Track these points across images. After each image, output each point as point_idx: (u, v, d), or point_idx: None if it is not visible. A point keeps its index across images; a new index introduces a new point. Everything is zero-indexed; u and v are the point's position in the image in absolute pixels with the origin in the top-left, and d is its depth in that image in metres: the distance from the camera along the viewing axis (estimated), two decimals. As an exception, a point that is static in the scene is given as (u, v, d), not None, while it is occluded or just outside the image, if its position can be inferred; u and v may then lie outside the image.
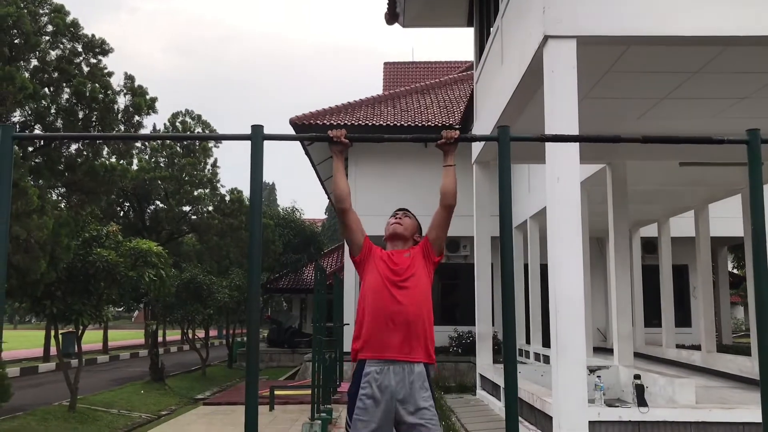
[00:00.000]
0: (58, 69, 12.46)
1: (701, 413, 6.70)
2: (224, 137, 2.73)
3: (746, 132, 2.54)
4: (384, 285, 3.33)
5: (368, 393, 3.23)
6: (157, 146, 23.79)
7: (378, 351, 3.27)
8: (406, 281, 3.34)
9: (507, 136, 2.49)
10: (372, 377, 3.25)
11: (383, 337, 3.26)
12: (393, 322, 3.26)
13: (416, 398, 3.22)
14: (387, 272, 3.37)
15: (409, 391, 3.22)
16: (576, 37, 6.46)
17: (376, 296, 3.34)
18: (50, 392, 15.89)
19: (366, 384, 3.25)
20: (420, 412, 3.21)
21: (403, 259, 3.41)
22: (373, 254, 3.47)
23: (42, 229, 10.08)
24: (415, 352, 3.27)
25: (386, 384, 3.22)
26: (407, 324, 3.26)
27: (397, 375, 3.23)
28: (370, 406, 3.22)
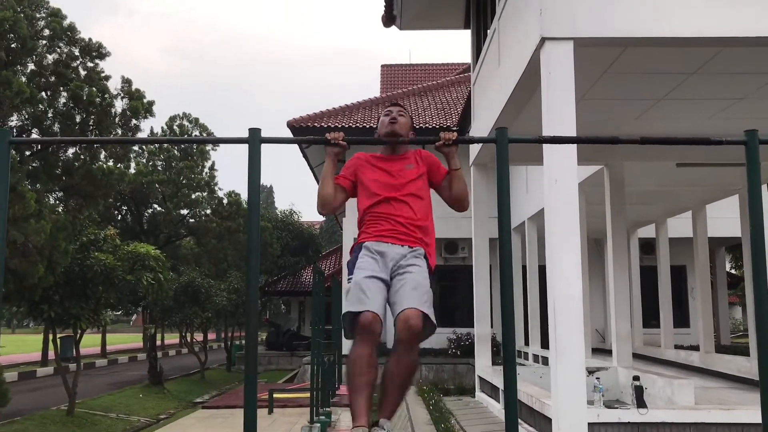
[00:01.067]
0: (55, 73, 12.46)
1: (700, 414, 6.69)
2: (222, 140, 2.72)
3: (744, 133, 2.54)
4: (383, 201, 3.21)
5: (368, 254, 3.15)
6: (155, 150, 23.79)
7: (378, 238, 3.17)
8: (408, 195, 3.21)
9: (505, 137, 2.49)
10: (370, 245, 3.16)
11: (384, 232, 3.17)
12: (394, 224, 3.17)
13: (411, 258, 3.13)
14: (386, 187, 3.22)
15: (405, 255, 3.14)
16: (573, 39, 6.46)
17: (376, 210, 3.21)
18: (48, 397, 15.85)
19: (365, 250, 3.17)
20: (411, 266, 3.10)
21: (404, 171, 3.25)
22: (362, 170, 3.30)
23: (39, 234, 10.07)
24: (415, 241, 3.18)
25: (384, 250, 3.14)
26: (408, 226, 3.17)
27: (395, 247, 3.15)
28: (369, 261, 3.12)
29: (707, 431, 6.59)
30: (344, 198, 3.32)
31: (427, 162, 3.31)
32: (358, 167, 3.32)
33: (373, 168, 3.29)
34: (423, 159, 3.32)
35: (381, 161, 3.32)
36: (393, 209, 3.19)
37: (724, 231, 16.35)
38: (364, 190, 3.27)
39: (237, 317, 22.60)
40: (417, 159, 3.31)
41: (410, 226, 3.19)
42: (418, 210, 3.21)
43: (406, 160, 3.30)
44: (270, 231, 26.44)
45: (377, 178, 3.25)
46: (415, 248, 3.19)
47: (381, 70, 29.86)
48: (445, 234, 17.80)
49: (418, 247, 3.20)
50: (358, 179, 3.30)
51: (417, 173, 3.26)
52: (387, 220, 3.19)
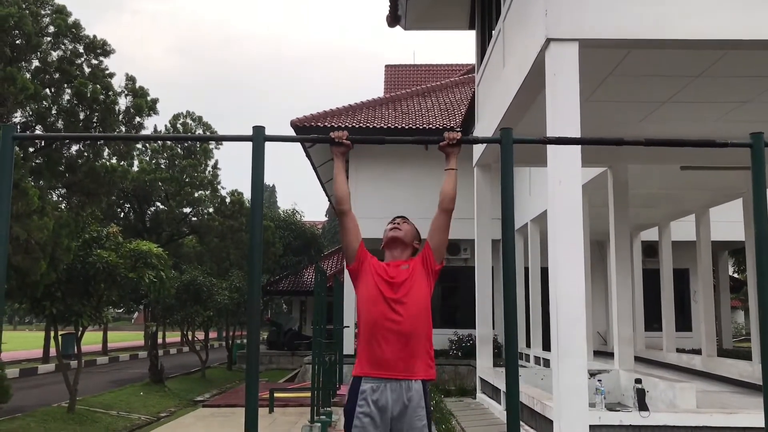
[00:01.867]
0: (59, 70, 12.46)
1: (702, 418, 6.67)
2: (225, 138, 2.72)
3: (750, 135, 2.53)
4: (380, 299, 3.25)
5: (365, 411, 3.17)
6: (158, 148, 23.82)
7: (375, 368, 3.20)
8: (404, 296, 3.25)
9: (510, 138, 2.48)
10: (368, 395, 3.19)
11: (380, 354, 3.19)
12: (389, 339, 3.18)
13: (411, 418, 3.17)
14: (383, 286, 3.28)
15: (405, 408, 3.17)
16: (578, 40, 6.46)
17: (371, 311, 3.25)
18: (49, 393, 15.87)
19: (363, 402, 3.19)
20: (413, 422, 3.16)
21: (400, 272, 3.32)
22: (368, 264, 3.37)
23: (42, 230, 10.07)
24: (414, 370, 3.21)
25: (383, 402, 3.17)
26: (405, 341, 3.18)
27: (394, 392, 3.17)
28: (367, 424, 3.16)
29: (709, 435, 6.57)
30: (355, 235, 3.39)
31: (419, 255, 3.45)
32: (369, 257, 3.43)
33: (378, 268, 3.38)
34: (416, 257, 3.45)
35: (383, 265, 3.43)
36: (391, 313, 3.22)
37: (728, 235, 16.31)
38: (363, 282, 3.36)
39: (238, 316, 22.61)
40: (412, 260, 3.45)
41: (408, 337, 3.21)
42: (414, 311, 3.25)
43: (402, 264, 3.41)
44: (272, 230, 26.44)
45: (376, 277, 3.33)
46: (413, 383, 3.22)
47: (385, 71, 29.87)
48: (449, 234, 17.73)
49: (416, 381, 3.23)
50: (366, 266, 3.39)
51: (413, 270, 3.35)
52: (385, 335, 3.21)
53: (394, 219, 3.61)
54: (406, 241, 3.47)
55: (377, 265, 3.39)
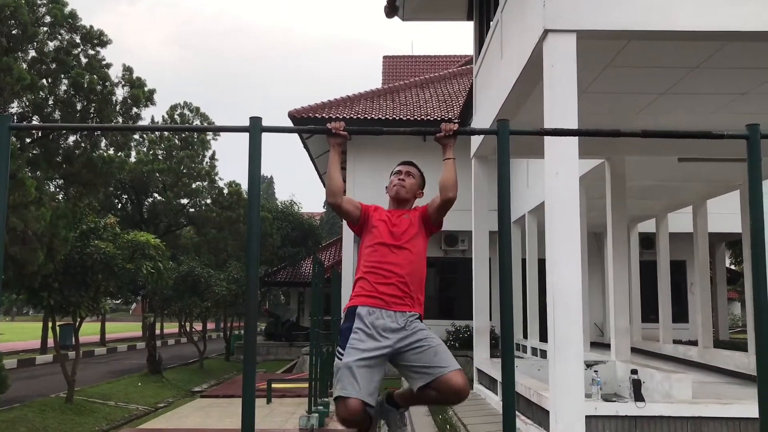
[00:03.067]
0: (56, 60, 12.41)
1: (698, 408, 6.71)
2: (222, 129, 2.72)
3: (746, 127, 2.53)
4: (382, 244, 3.39)
5: (361, 327, 3.27)
6: (155, 138, 23.76)
7: (370, 299, 3.31)
8: (405, 243, 3.40)
9: (506, 129, 2.48)
10: (364, 316, 3.29)
11: (378, 289, 3.31)
12: (388, 279, 3.32)
13: (411, 330, 3.27)
14: (386, 234, 3.41)
15: (402, 327, 3.27)
16: (576, 32, 6.44)
17: (373, 254, 3.39)
18: (48, 384, 15.90)
19: (359, 320, 3.29)
20: (414, 335, 3.26)
21: (402, 221, 3.46)
22: (372, 216, 3.51)
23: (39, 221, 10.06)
24: (408, 306, 3.33)
25: (379, 323, 3.26)
26: (402, 283, 3.32)
27: (390, 317, 3.28)
28: (363, 338, 3.24)
29: (704, 425, 6.61)
30: (353, 211, 3.50)
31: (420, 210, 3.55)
32: (371, 211, 3.55)
33: (380, 217, 3.51)
34: (417, 210, 3.57)
35: (386, 213, 3.56)
36: (391, 256, 3.37)
37: (725, 226, 16.34)
38: (368, 233, 3.49)
39: (236, 307, 22.63)
40: (413, 212, 3.56)
41: (405, 280, 3.34)
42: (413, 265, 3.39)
43: (404, 213, 3.53)
44: (270, 221, 26.43)
45: (380, 225, 3.46)
46: (410, 315, 3.33)
47: (383, 62, 29.78)
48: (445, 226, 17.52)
49: (413, 313, 3.35)
50: (368, 220, 3.51)
51: (413, 221, 3.48)
52: (384, 274, 3.34)
53: (400, 169, 3.68)
54: (408, 197, 3.62)
55: (381, 213, 3.54)
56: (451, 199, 3.40)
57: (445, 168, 3.33)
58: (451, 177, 3.35)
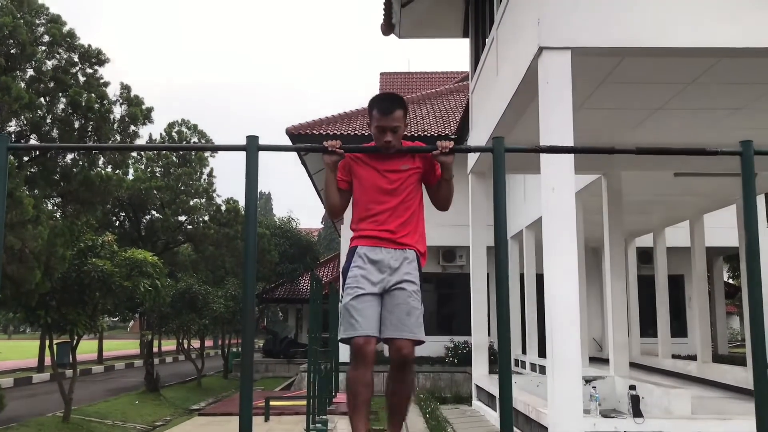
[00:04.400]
0: (54, 79, 12.46)
1: (697, 424, 6.69)
2: (219, 148, 2.73)
3: (740, 143, 2.56)
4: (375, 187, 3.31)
5: (360, 265, 3.29)
6: (153, 156, 23.78)
7: (371, 239, 3.31)
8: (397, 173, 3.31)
9: (502, 147, 2.50)
10: (364, 253, 3.31)
11: (375, 219, 3.30)
12: (383, 203, 3.29)
13: (404, 270, 3.28)
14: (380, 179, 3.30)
15: (400, 264, 3.28)
16: (570, 49, 6.49)
17: (368, 194, 3.33)
18: (44, 403, 15.79)
19: (358, 259, 3.31)
20: (404, 282, 3.26)
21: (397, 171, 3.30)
22: (355, 168, 3.36)
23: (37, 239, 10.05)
24: (408, 241, 3.32)
25: (378, 258, 3.28)
26: (398, 203, 3.29)
27: (389, 253, 3.29)
28: (361, 274, 3.27)
29: (703, 441, 6.58)
30: (349, 197, 3.45)
31: (425, 160, 3.32)
32: (352, 165, 3.38)
33: (366, 166, 3.33)
34: (421, 156, 3.32)
35: (375, 160, 3.32)
36: (386, 209, 3.31)
37: (722, 241, 16.35)
38: (359, 186, 3.38)
39: (234, 324, 22.58)
40: (414, 162, 3.32)
41: (402, 227, 3.32)
42: (409, 208, 3.34)
43: (401, 160, 3.29)
44: (268, 238, 26.42)
45: (371, 177, 3.32)
46: (407, 251, 3.32)
47: (380, 78, 29.94)
48: (442, 242, 17.79)
49: (411, 250, 3.34)
50: (354, 175, 3.40)
51: (411, 171, 3.31)
52: (380, 221, 3.32)
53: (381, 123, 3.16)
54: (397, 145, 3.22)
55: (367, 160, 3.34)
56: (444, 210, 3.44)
57: (444, 186, 3.29)
58: (449, 196, 3.34)
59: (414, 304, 3.26)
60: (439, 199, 3.37)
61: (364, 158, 3.35)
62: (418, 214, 3.39)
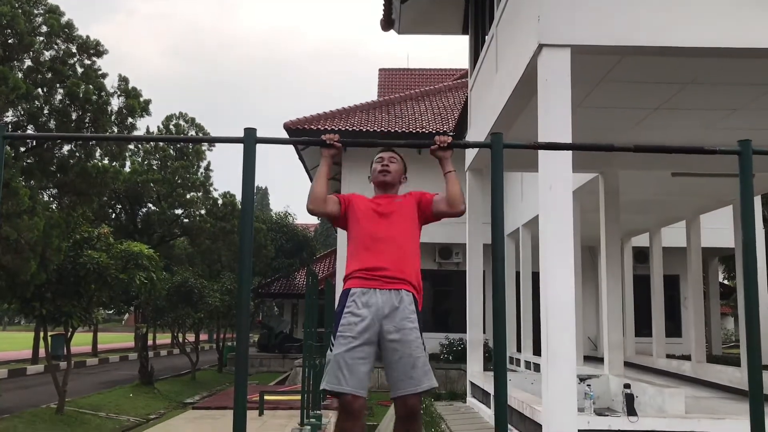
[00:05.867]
0: (51, 70, 12.42)
1: (690, 423, 6.71)
2: (217, 140, 2.72)
3: (738, 142, 2.55)
4: (369, 217, 3.32)
5: (353, 310, 3.21)
6: (150, 149, 23.74)
7: (364, 280, 3.25)
8: (393, 214, 3.34)
9: (500, 142, 2.49)
10: (357, 297, 3.23)
11: (369, 267, 3.24)
12: (378, 246, 3.25)
13: (402, 318, 3.19)
14: (372, 213, 3.35)
15: (395, 309, 3.20)
16: (570, 46, 6.49)
17: (361, 228, 3.32)
18: (38, 394, 15.77)
19: (351, 303, 3.23)
20: (403, 332, 3.18)
21: (391, 203, 3.39)
22: (356, 202, 3.43)
23: (32, 230, 10.03)
24: (403, 283, 3.25)
25: (372, 302, 3.20)
26: (393, 249, 3.26)
27: (384, 296, 3.21)
28: (354, 321, 3.18)
29: (697, 440, 6.60)
30: (335, 209, 3.41)
31: (415, 196, 3.45)
32: (352, 199, 3.47)
33: (365, 203, 3.43)
34: (411, 195, 3.46)
35: (373, 200, 3.48)
36: (381, 242, 3.28)
37: (718, 241, 16.39)
38: (354, 221, 3.39)
39: (229, 318, 22.56)
40: (405, 196, 3.47)
41: (398, 263, 3.26)
42: (405, 242, 3.32)
43: (395, 197, 3.45)
44: (264, 233, 26.40)
45: (367, 210, 3.38)
46: (403, 293, 3.25)
47: (379, 74, 29.90)
48: (439, 239, 17.79)
49: (407, 291, 3.26)
50: (351, 208, 3.42)
51: (404, 204, 3.39)
52: (375, 257, 3.26)
53: (381, 156, 3.57)
54: (394, 182, 3.53)
55: (365, 200, 3.46)
56: (460, 212, 3.35)
57: (449, 182, 3.26)
58: (457, 191, 3.30)
59: (417, 354, 3.18)
60: (449, 198, 3.31)
61: (365, 200, 3.47)
62: (413, 252, 3.35)
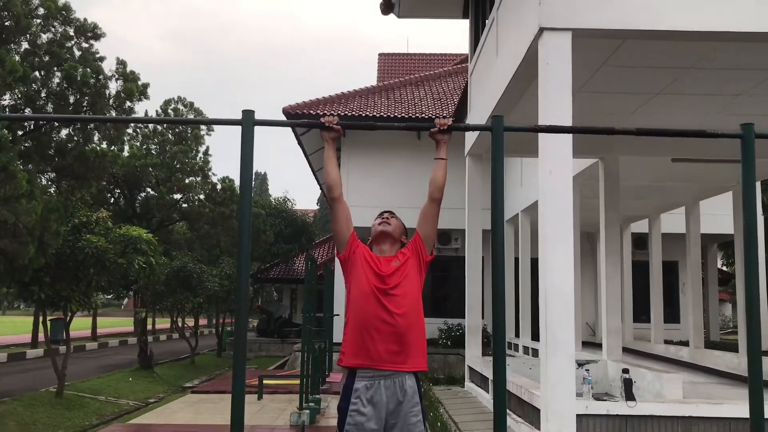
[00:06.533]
0: (49, 53, 12.33)
1: (688, 408, 6.73)
2: (215, 122, 2.70)
3: (740, 126, 2.53)
4: (371, 292, 3.23)
5: (358, 409, 3.17)
6: (149, 133, 23.67)
7: (368, 360, 3.18)
8: (395, 288, 3.24)
9: (501, 125, 2.46)
10: (362, 393, 3.18)
11: (373, 346, 3.17)
12: (383, 333, 3.17)
13: (406, 413, 3.18)
14: (374, 279, 3.26)
15: (400, 404, 3.17)
16: (571, 30, 6.44)
17: (363, 305, 3.23)
18: (38, 378, 15.82)
19: (356, 400, 3.18)
20: (407, 428, 3.17)
21: (391, 267, 3.30)
22: (359, 254, 3.35)
23: (31, 214, 10.00)
24: (408, 362, 3.20)
25: (377, 399, 3.16)
26: (398, 334, 3.18)
27: (388, 389, 3.17)
28: (360, 422, 3.15)
29: (695, 425, 6.62)
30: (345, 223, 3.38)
31: (409, 246, 3.42)
32: (359, 243, 3.41)
33: (367, 268, 3.34)
34: (407, 249, 3.42)
35: (372, 254, 3.41)
36: (381, 307, 3.21)
37: (717, 228, 16.41)
38: (353, 271, 3.34)
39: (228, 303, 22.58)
40: (402, 252, 3.41)
41: (400, 330, 3.19)
42: (406, 306, 3.24)
43: (392, 261, 3.37)
44: (263, 218, 26.37)
45: (365, 266, 3.32)
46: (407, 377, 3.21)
47: (378, 59, 29.74)
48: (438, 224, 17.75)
49: (410, 374, 3.22)
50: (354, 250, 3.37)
51: (402, 264, 3.33)
52: (377, 327, 3.19)
53: (382, 214, 3.59)
54: (395, 236, 3.48)
55: (368, 255, 3.38)
56: (438, 199, 3.34)
57: (436, 166, 3.25)
58: (441, 177, 3.28)
59: None
60: (432, 182, 3.31)
61: (366, 253, 3.39)
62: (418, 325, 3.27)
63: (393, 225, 3.49)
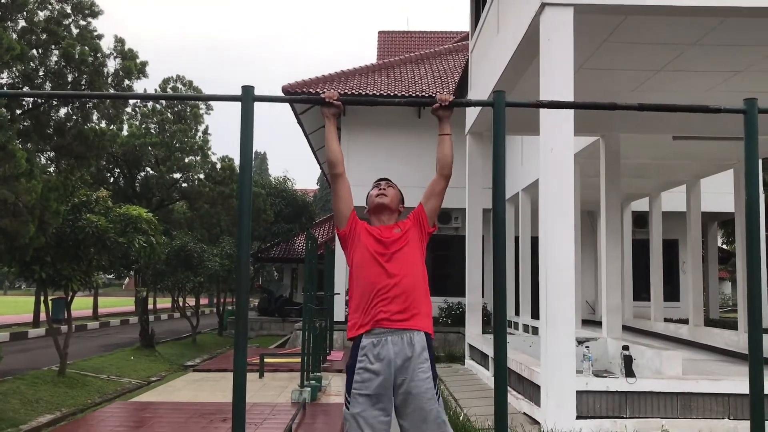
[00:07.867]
0: (46, 30, 12.22)
1: (687, 384, 6.77)
2: (215, 98, 2.68)
3: (743, 101, 2.51)
4: (373, 258, 3.22)
5: (365, 366, 3.14)
6: (148, 112, 23.55)
7: (374, 323, 3.16)
8: (396, 252, 3.24)
9: (502, 100, 2.45)
10: (369, 349, 3.15)
11: (378, 311, 3.15)
12: (387, 297, 3.16)
13: (415, 369, 3.13)
14: (375, 245, 3.25)
15: (409, 359, 3.13)
16: (573, 6, 6.38)
17: (366, 272, 3.22)
18: (40, 357, 15.90)
19: (363, 357, 3.15)
20: (415, 384, 3.11)
21: (392, 234, 3.30)
22: (359, 229, 3.34)
23: (30, 193, 9.97)
24: (414, 320, 3.17)
25: (384, 354, 3.12)
26: (402, 294, 3.17)
27: (396, 345, 3.13)
28: (367, 378, 3.12)
29: (694, 401, 6.66)
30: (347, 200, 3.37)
31: (411, 218, 3.40)
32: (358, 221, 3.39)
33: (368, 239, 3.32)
34: (408, 219, 3.40)
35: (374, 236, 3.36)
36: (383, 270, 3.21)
37: (717, 206, 16.39)
38: (355, 247, 3.33)
39: (229, 282, 22.62)
40: (403, 223, 3.39)
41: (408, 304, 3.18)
42: (414, 279, 3.24)
43: (393, 228, 3.37)
44: (264, 197, 26.33)
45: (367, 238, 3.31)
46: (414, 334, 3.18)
47: (378, 37, 29.51)
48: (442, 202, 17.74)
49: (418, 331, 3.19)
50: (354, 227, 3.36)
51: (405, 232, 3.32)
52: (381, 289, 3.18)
53: (378, 182, 3.55)
54: (392, 207, 3.46)
55: (368, 228, 3.37)
56: (448, 176, 3.32)
57: (441, 143, 3.22)
58: (448, 153, 3.25)
59: (429, 406, 3.10)
60: (440, 158, 3.28)
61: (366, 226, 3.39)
62: (422, 287, 3.27)
63: (390, 196, 3.46)
